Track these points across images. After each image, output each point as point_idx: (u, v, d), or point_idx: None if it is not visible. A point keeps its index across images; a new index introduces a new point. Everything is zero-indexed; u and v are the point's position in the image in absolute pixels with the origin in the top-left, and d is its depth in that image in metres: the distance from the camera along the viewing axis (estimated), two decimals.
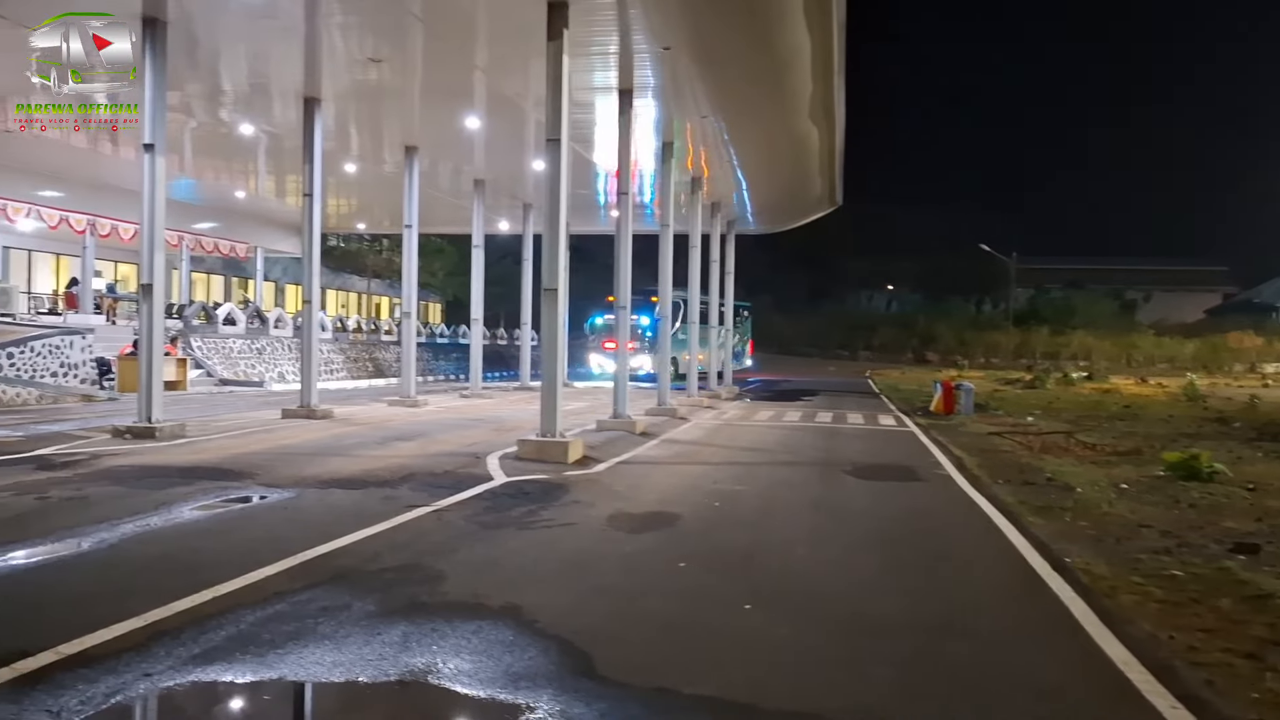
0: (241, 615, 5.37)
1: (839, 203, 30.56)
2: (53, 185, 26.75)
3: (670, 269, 20.82)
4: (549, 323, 12.88)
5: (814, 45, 15.37)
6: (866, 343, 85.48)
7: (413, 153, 21.46)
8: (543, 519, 8.56)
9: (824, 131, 21.05)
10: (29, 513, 8.21)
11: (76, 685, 4.27)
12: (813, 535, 8.35)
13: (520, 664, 4.69)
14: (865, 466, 12.98)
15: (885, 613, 5.87)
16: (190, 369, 26.13)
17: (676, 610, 5.82)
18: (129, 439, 13.35)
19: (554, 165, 12.63)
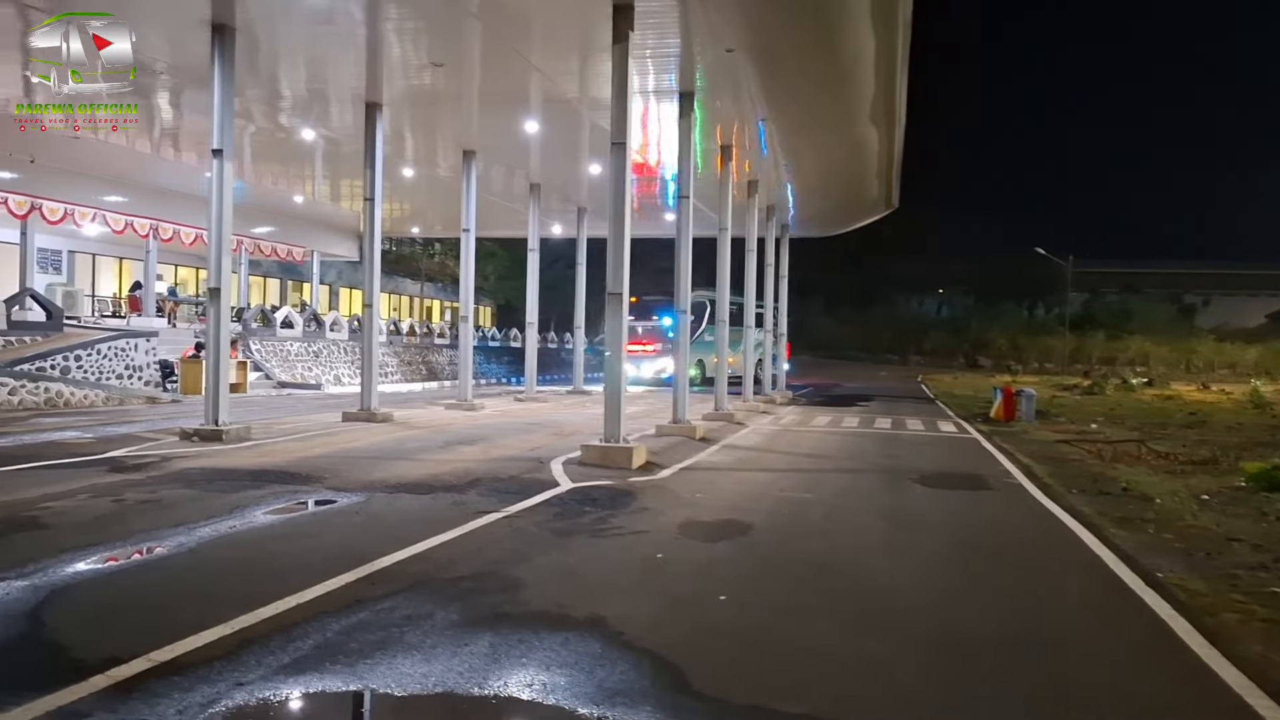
0: (326, 623, 5.33)
1: (895, 205, 30.21)
2: (117, 190, 27.24)
3: (728, 272, 20.70)
4: (613, 327, 12.81)
5: (878, 45, 15.16)
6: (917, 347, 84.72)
7: (470, 157, 21.53)
8: (614, 526, 8.47)
9: (884, 133, 20.78)
10: (107, 515, 8.28)
11: (171, 694, 4.25)
12: (889, 546, 8.17)
13: (613, 679, 4.60)
14: (932, 474, 12.74)
15: (976, 628, 5.70)
16: (249, 372, 26.46)
17: (761, 623, 5.70)
18: (197, 441, 13.49)
19: (618, 169, 12.55)
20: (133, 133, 21.86)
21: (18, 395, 17.97)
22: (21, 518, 8.04)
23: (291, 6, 13.16)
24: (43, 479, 10.09)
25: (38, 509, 8.44)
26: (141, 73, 16.34)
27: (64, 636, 5.06)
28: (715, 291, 30.46)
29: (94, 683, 4.32)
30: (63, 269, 31.89)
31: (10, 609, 5.46)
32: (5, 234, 27.22)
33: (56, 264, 31.59)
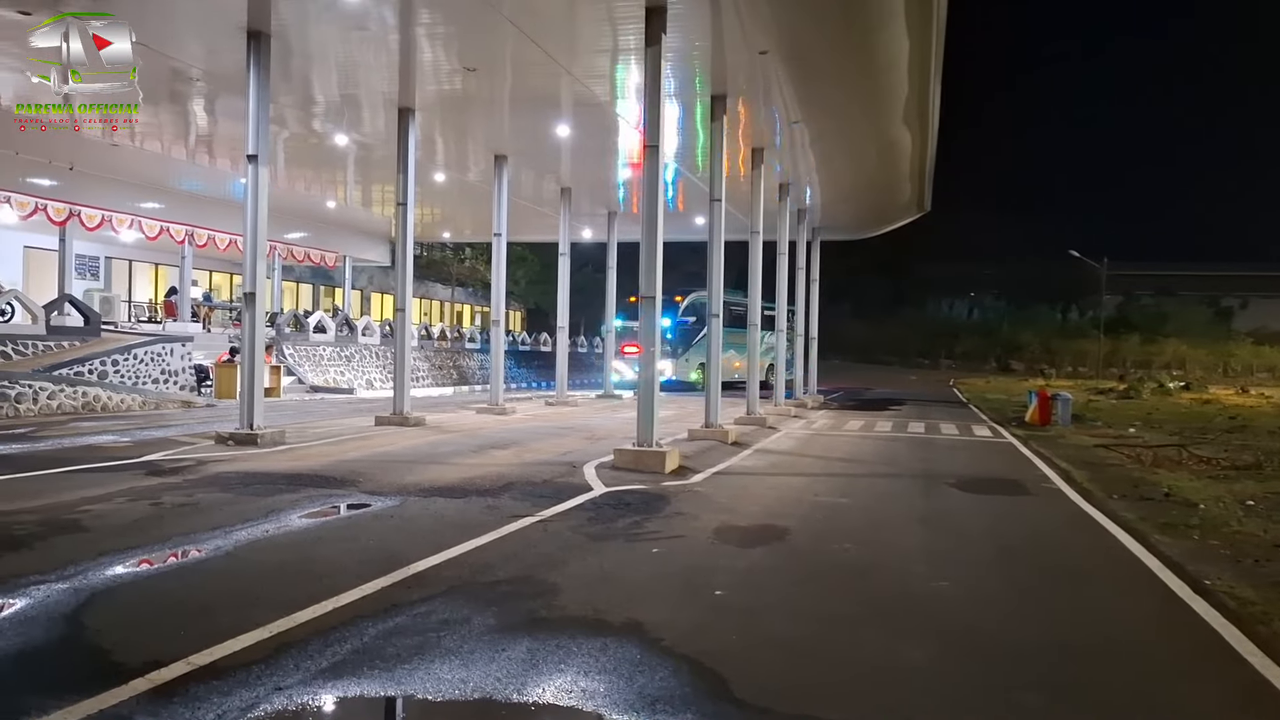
0: (364, 627, 5.31)
1: (927, 208, 29.99)
2: (153, 197, 27.58)
3: (759, 275, 20.61)
4: (647, 331, 12.78)
5: (912, 47, 15.04)
6: (948, 351, 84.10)
7: (502, 161, 21.58)
8: (649, 531, 8.42)
9: (916, 136, 20.62)
10: (145, 519, 8.33)
11: (211, 698, 4.24)
12: (928, 552, 8.06)
13: (654, 686, 4.54)
14: (969, 479, 12.60)
15: (1022, 636, 5.59)
16: (283, 376, 26.65)
17: (801, 630, 5.62)
18: (232, 445, 13.58)
19: (652, 172, 12.51)
20: (169, 139, 22.12)
21: (56, 399, 18.19)
22: (62, 520, 8.10)
23: (326, 12, 13.23)
24: (82, 482, 10.18)
25: (77, 512, 8.51)
26: (177, 80, 16.58)
27: (104, 639, 5.07)
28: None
29: (134, 686, 4.32)
30: (100, 275, 32.29)
31: (52, 611, 5.49)
32: (45, 240, 27.63)
33: (94, 270, 32.00)
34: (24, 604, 5.63)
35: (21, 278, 27.24)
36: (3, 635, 5.07)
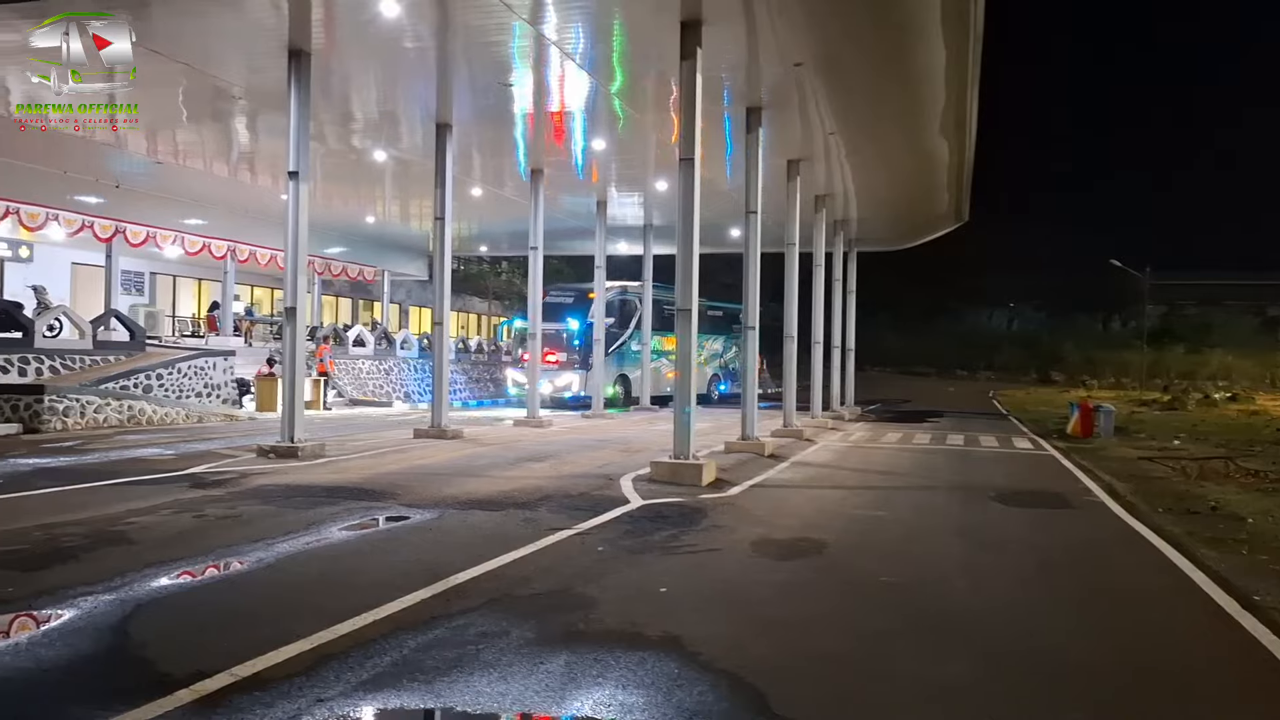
0: (403, 640, 5.35)
1: (966, 218, 29.72)
2: (196, 213, 28.04)
3: (795, 287, 20.55)
4: (683, 343, 12.78)
5: (949, 57, 14.94)
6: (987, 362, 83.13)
7: (538, 176, 21.71)
8: (686, 544, 8.41)
9: (954, 146, 20.47)
10: (189, 530, 8.46)
11: (254, 709, 4.29)
12: (968, 566, 7.98)
13: (692, 700, 4.53)
14: (1010, 492, 12.45)
15: (1066, 653, 5.51)
16: (323, 388, 26.91)
17: (841, 645, 5.58)
18: (273, 458, 13.73)
19: (687, 185, 12.54)
20: (211, 157, 22.47)
21: (103, 413, 18.51)
22: (108, 532, 8.24)
23: (365, 30, 13.39)
24: (127, 494, 10.35)
25: (124, 524, 8.65)
26: (219, 98, 16.85)
27: (150, 650, 5.15)
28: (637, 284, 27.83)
29: (179, 697, 4.38)
30: (145, 290, 32.84)
31: (99, 622, 5.58)
32: (91, 257, 28.17)
33: (139, 285, 32.56)
34: (72, 615, 5.73)
35: (69, 294, 27.77)
36: (52, 645, 5.17)
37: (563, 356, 28.75)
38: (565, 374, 28.59)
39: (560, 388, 28.90)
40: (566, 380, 28.68)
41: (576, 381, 28.72)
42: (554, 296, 30.30)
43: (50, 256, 28.23)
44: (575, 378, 28.59)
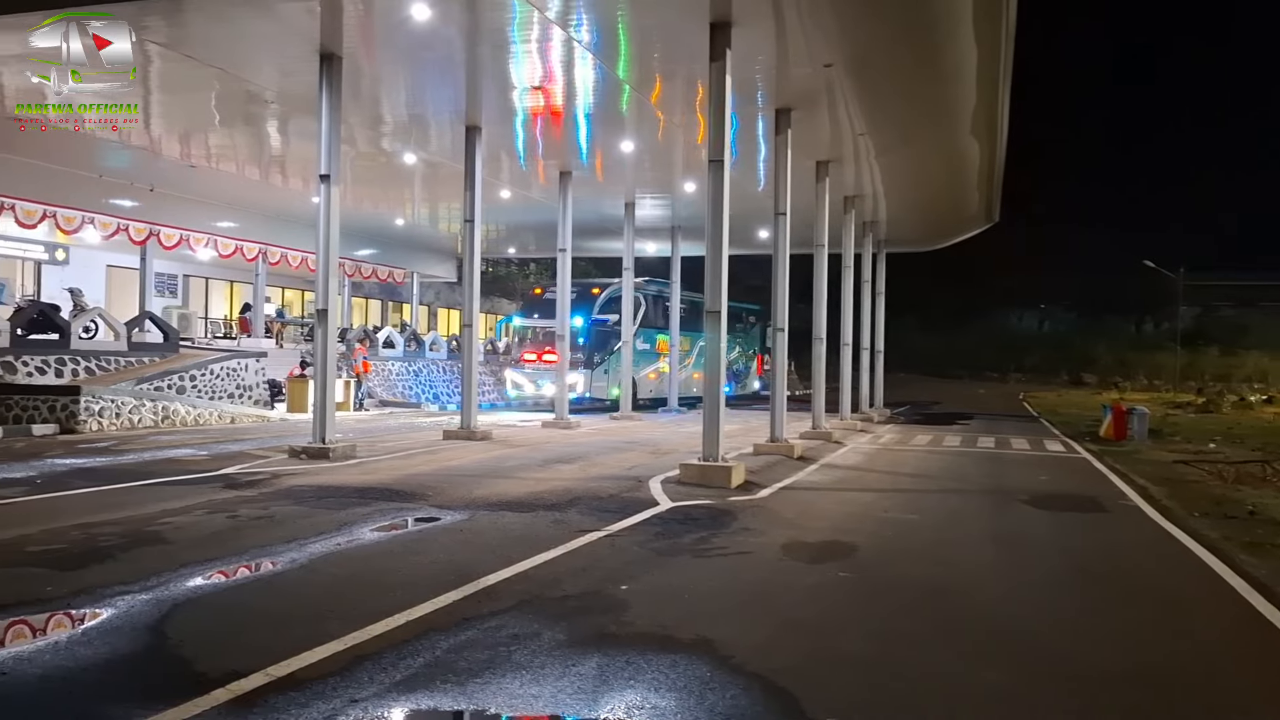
0: (436, 641, 5.37)
1: (996, 219, 29.50)
2: (229, 216, 28.33)
3: (825, 289, 20.48)
4: (712, 346, 12.76)
5: (981, 57, 14.85)
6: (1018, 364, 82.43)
7: (566, 178, 21.75)
8: (716, 547, 8.39)
9: (985, 146, 20.33)
10: (223, 531, 8.54)
11: (289, 709, 4.32)
12: (1001, 570, 7.92)
13: (724, 704, 4.51)
14: (1042, 495, 12.35)
15: (1102, 660, 5.45)
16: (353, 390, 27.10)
17: (872, 649, 5.55)
18: (305, 459, 13.83)
19: (716, 187, 12.51)
20: (243, 160, 22.69)
21: (138, 414, 18.73)
22: (144, 533, 8.34)
23: (395, 34, 13.47)
24: (162, 495, 10.47)
25: (159, 524, 8.74)
26: (252, 102, 17.00)
27: (186, 650, 5.20)
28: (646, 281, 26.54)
29: (215, 696, 4.42)
30: (178, 292, 33.21)
31: (136, 621, 5.65)
32: (126, 259, 28.51)
33: (172, 287, 32.92)
34: (110, 614, 5.80)
35: (104, 296, 28.12)
36: (91, 644, 5.23)
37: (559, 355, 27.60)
38: (570, 374, 26.25)
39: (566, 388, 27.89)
40: (570, 381, 26.30)
41: (582, 382, 27.26)
42: (554, 292, 28.84)
43: (86, 259, 28.62)
44: (580, 378, 27.06)
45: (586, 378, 27.56)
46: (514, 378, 28.50)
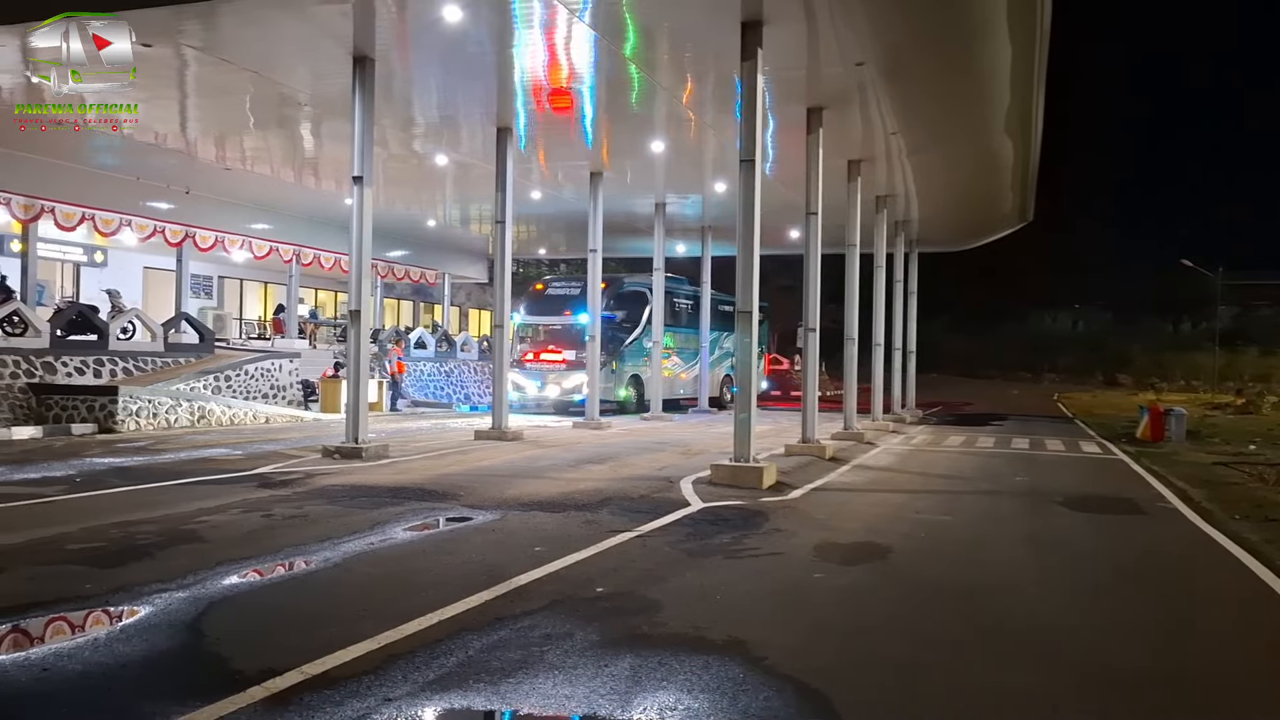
0: (468, 640, 5.39)
1: (1030, 218, 29.22)
2: (263, 218, 28.65)
3: (857, 289, 20.38)
4: (744, 346, 12.72)
5: (1015, 56, 14.71)
6: (1051, 364, 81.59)
7: (597, 178, 21.78)
8: (748, 548, 8.36)
9: (1019, 144, 20.14)
10: (258, 530, 8.62)
11: (324, 707, 4.34)
12: (1036, 573, 7.84)
13: (757, 705, 4.50)
14: (1078, 497, 12.20)
15: (1141, 665, 5.38)
16: (385, 390, 27.29)
17: (907, 652, 5.50)
18: (338, 459, 13.94)
19: (747, 187, 12.47)
20: (277, 162, 22.91)
21: (174, 414, 18.96)
22: (181, 531, 8.43)
23: (426, 35, 13.55)
24: (198, 494, 10.58)
25: (195, 523, 8.84)
26: (286, 105, 17.16)
27: (223, 647, 5.25)
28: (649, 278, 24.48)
29: (251, 694, 4.46)
30: (213, 293, 33.61)
31: (173, 619, 5.71)
32: (162, 261, 28.90)
33: (208, 289, 33.32)
34: (147, 611, 5.87)
35: (141, 297, 28.51)
36: (129, 642, 5.29)
37: (570, 355, 25.25)
38: (574, 375, 24.93)
39: (569, 390, 25.51)
40: (576, 382, 24.94)
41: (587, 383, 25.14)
42: (558, 288, 27.97)
43: (123, 261, 29.05)
44: (585, 379, 24.54)
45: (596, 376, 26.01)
46: (514, 378, 25.93)
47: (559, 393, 25.78)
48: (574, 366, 24.99)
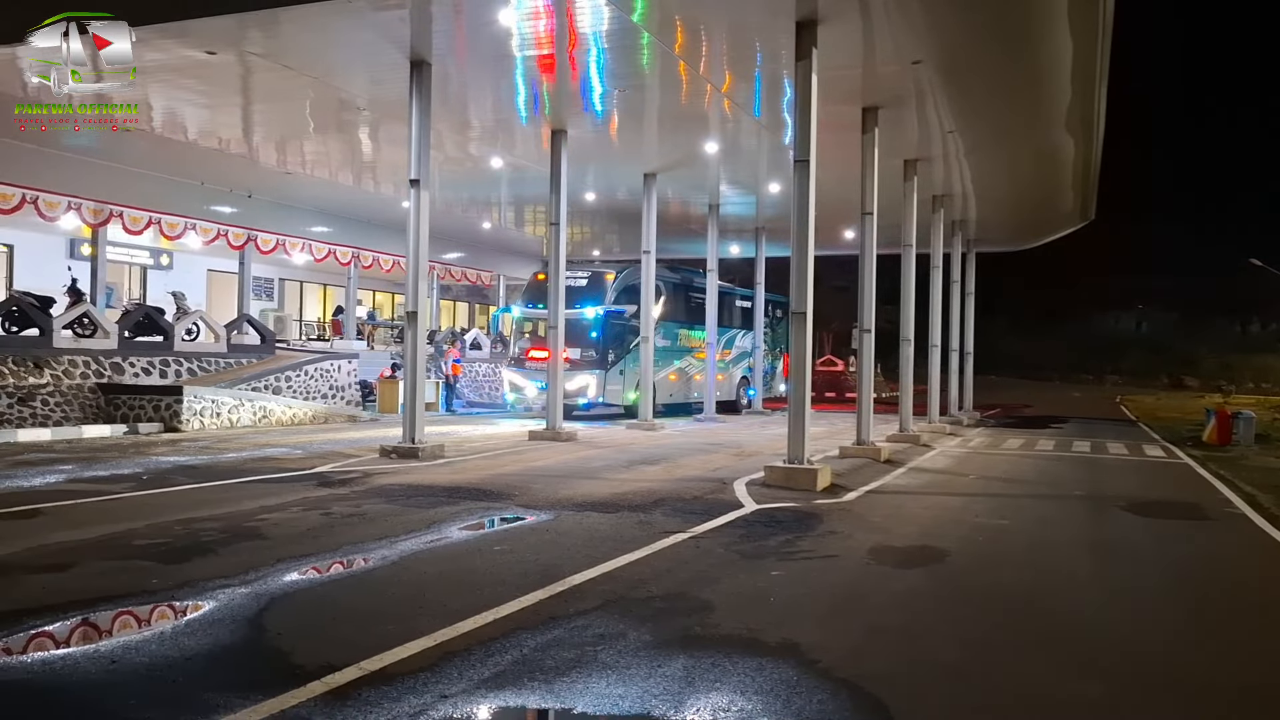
0: (523, 639, 5.43)
1: (1091, 217, 28.64)
2: (322, 221, 29.15)
3: (913, 290, 20.16)
4: (797, 348, 12.65)
5: (1076, 51, 14.43)
6: (1114, 366, 79.98)
7: (650, 180, 21.80)
8: (802, 550, 8.31)
9: (1080, 142, 19.75)
10: (318, 528, 8.76)
11: (382, 703, 4.41)
12: (1098, 578, 7.69)
13: (811, 709, 4.47)
14: (1141, 502, 11.94)
15: (1208, 674, 5.26)
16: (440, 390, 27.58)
17: (964, 656, 5.44)
18: (395, 458, 14.12)
19: (802, 187, 12.41)
20: (336, 166, 23.28)
21: (236, 413, 19.35)
22: (243, 528, 8.61)
23: (482, 40, 13.66)
24: (259, 492, 10.79)
25: (256, 520, 9.02)
26: (344, 110, 17.44)
27: (283, 642, 5.36)
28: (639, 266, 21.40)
29: (311, 688, 4.54)
30: (274, 295, 34.26)
31: (236, 614, 5.83)
32: (225, 264, 29.55)
33: (269, 291, 33.97)
34: (211, 606, 6.00)
35: (205, 299, 29.15)
36: (193, 635, 5.42)
37: (575, 353, 22.59)
38: (579, 375, 22.72)
39: (573, 392, 22.57)
40: (581, 383, 22.81)
41: (593, 384, 23.35)
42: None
43: (188, 264, 29.75)
44: (592, 379, 23.27)
45: (598, 379, 23.24)
46: (513, 378, 24.31)
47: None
48: (578, 365, 22.87)
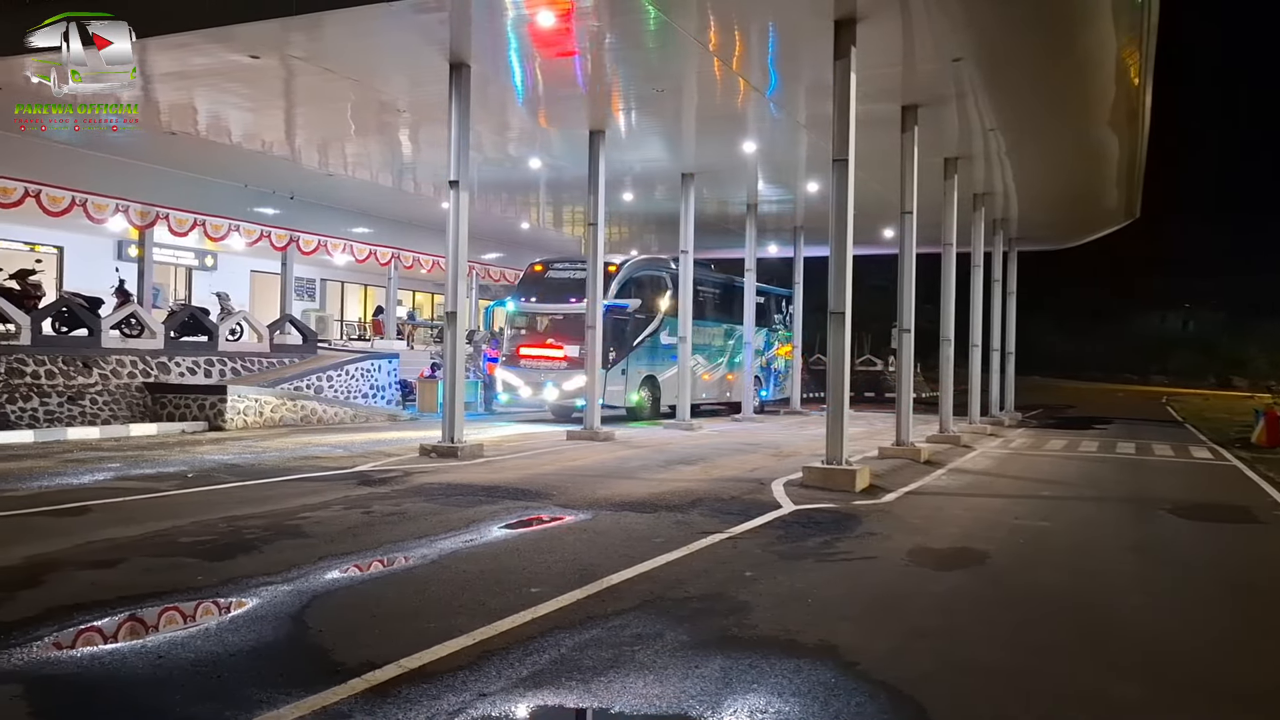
0: (560, 638, 5.46)
1: (1136, 215, 28.20)
2: (363, 222, 29.46)
3: (953, 289, 19.96)
4: (835, 348, 12.58)
5: (1120, 46, 14.23)
6: (1160, 366, 78.77)
7: (689, 180, 21.80)
8: (840, 551, 8.28)
9: (1125, 139, 19.46)
10: (358, 526, 8.86)
11: (422, 701, 4.45)
12: (1142, 582, 7.57)
13: (849, 711, 4.45)
14: (1187, 505, 11.74)
15: (1256, 679, 5.18)
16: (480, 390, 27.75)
17: (1004, 660, 5.39)
18: (434, 457, 14.23)
19: (841, 186, 12.35)
20: (376, 168, 23.52)
21: (279, 412, 19.60)
22: (285, 526, 8.72)
23: (521, 41, 13.72)
24: (301, 490, 10.93)
25: (298, 518, 9.14)
26: (384, 112, 17.61)
27: (325, 639, 5.43)
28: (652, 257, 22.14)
29: (352, 685, 4.59)
30: (316, 296, 34.66)
31: (279, 611, 5.92)
32: (268, 265, 29.96)
33: (311, 291, 34.39)
34: (254, 603, 6.09)
35: (248, 299, 29.58)
36: (237, 632, 5.50)
37: (573, 351, 21.31)
38: (577, 375, 20.85)
39: (570, 393, 21.47)
40: (578, 384, 20.63)
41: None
42: (560, 269, 23.57)
43: (231, 265, 30.21)
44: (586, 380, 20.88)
45: (600, 379, 20.57)
46: (507, 377, 22.67)
47: (558, 395, 21.94)
48: (576, 365, 21.01)
